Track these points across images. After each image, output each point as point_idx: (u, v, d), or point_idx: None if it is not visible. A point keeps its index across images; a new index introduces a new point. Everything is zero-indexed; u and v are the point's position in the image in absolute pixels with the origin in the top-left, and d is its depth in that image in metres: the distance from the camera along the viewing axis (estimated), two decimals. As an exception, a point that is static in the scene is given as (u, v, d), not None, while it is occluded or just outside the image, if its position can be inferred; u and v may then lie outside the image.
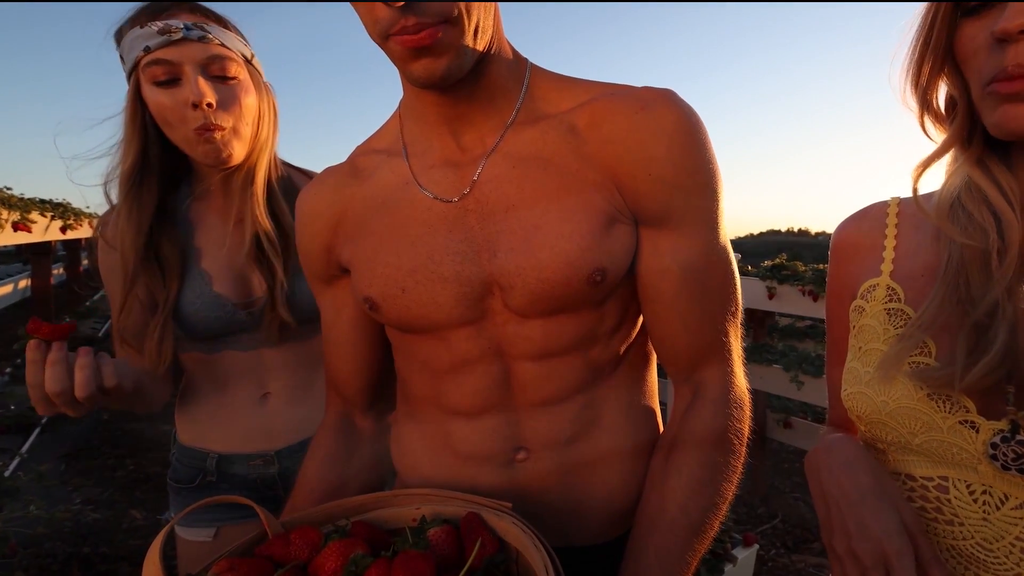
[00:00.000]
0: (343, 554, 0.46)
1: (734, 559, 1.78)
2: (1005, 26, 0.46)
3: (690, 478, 0.60)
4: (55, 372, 0.68)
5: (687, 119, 0.58)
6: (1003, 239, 0.53)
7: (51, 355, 0.69)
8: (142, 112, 0.88)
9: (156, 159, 0.91)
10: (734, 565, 1.76)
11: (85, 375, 0.69)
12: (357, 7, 0.52)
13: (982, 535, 0.54)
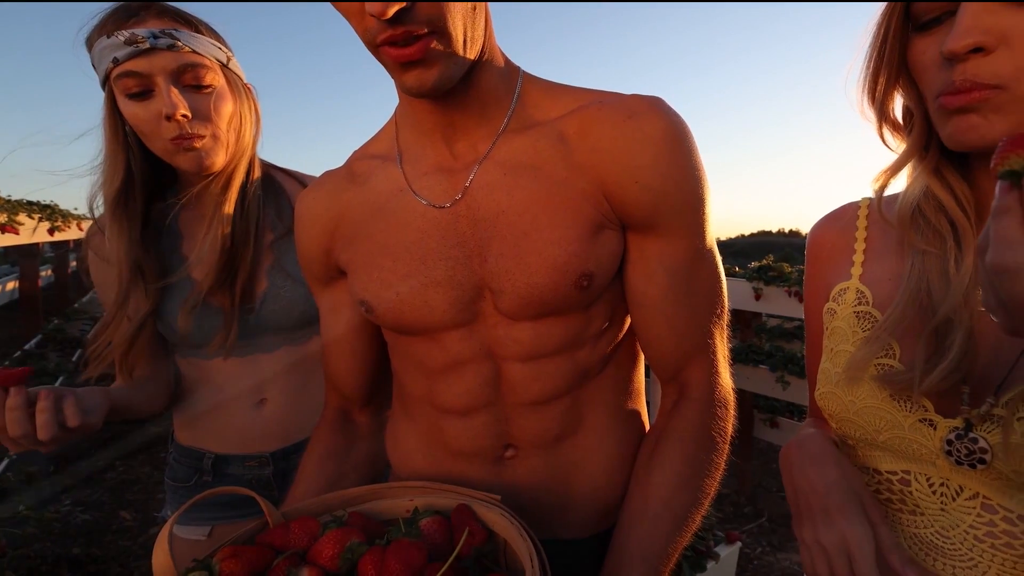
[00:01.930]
0: (340, 542, 0.48)
1: (716, 556, 1.77)
2: (951, 47, 0.47)
3: (673, 474, 0.61)
4: (14, 417, 0.69)
5: (673, 128, 0.58)
6: (959, 247, 0.55)
7: (9, 401, 0.69)
8: (121, 125, 0.86)
9: (140, 172, 0.90)
10: (716, 562, 1.76)
11: (44, 418, 0.70)
12: (348, 15, 0.52)
13: (940, 524, 0.57)
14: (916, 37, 0.52)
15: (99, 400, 0.80)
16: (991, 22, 0.46)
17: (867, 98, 0.59)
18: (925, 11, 0.50)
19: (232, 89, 0.90)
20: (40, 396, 0.70)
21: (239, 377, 0.99)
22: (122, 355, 0.91)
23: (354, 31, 0.53)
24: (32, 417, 0.70)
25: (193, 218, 0.96)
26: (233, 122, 0.90)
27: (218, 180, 0.91)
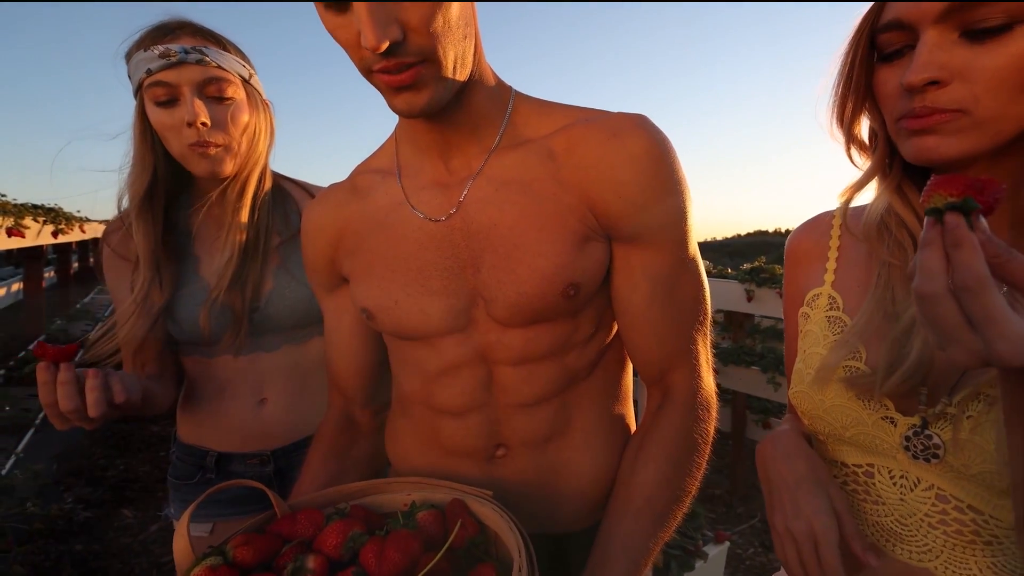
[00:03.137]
0: (343, 532, 0.52)
1: (705, 555, 1.80)
2: (910, 80, 0.50)
3: (656, 473, 0.63)
4: (66, 392, 0.71)
5: (655, 145, 0.60)
6: None
7: (60, 376, 0.71)
8: (150, 130, 0.91)
9: (163, 174, 0.95)
10: (705, 561, 1.78)
11: (96, 396, 0.72)
12: (345, 46, 0.54)
13: (899, 512, 0.59)
14: (880, 67, 0.55)
15: (136, 381, 0.84)
16: (945, 59, 0.48)
17: (835, 121, 0.62)
18: (887, 43, 0.53)
19: (250, 103, 0.96)
20: (88, 375, 0.73)
21: (241, 376, 1.01)
22: (134, 352, 0.94)
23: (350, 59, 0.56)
24: (81, 393, 0.72)
25: (206, 222, 1.00)
26: (247, 132, 0.95)
27: (233, 188, 0.96)
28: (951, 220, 0.38)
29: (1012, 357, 0.36)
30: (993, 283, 0.37)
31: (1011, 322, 0.36)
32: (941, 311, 0.38)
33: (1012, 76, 0.47)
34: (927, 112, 0.50)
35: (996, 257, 0.37)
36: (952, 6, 0.47)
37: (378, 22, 0.48)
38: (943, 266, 0.38)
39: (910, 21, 0.50)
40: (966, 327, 0.38)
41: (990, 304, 0.36)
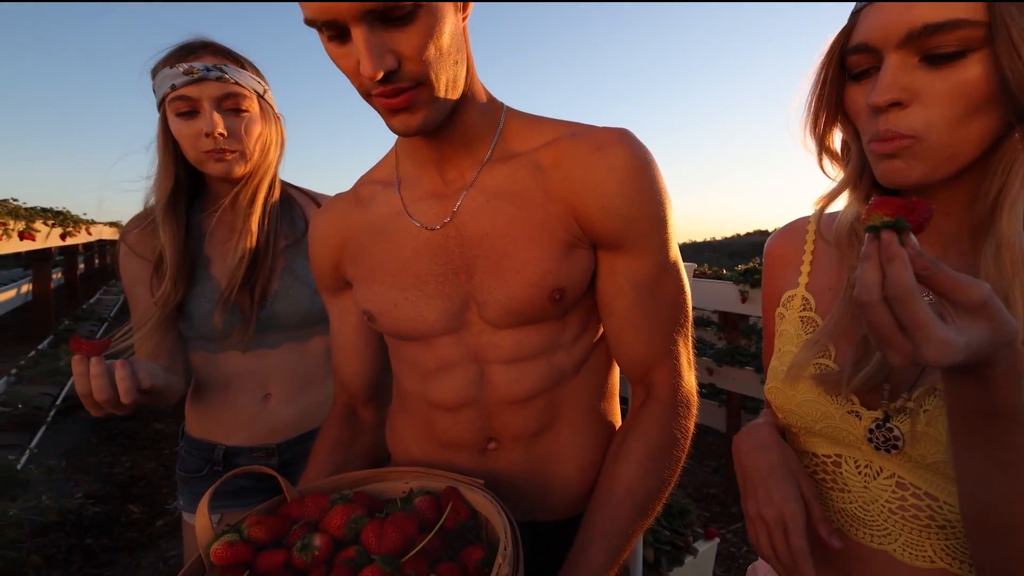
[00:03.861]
0: (346, 515, 0.56)
1: (695, 551, 1.83)
2: (874, 100, 0.52)
3: (636, 466, 0.65)
4: (100, 383, 0.77)
5: (637, 158, 0.63)
6: None
7: (93, 368, 0.77)
8: (172, 141, 0.98)
9: (184, 180, 1.01)
10: (695, 557, 1.82)
11: (126, 384, 0.78)
12: (346, 72, 0.58)
13: (863, 499, 0.62)
14: (850, 84, 0.57)
15: (158, 368, 0.89)
16: (907, 81, 0.51)
17: (809, 133, 0.64)
18: (856, 64, 0.55)
19: (264, 116, 1.02)
20: (116, 365, 0.79)
21: (247, 372, 1.06)
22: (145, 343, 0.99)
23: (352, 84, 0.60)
24: (113, 384, 0.78)
25: (218, 225, 1.05)
26: (260, 142, 1.01)
27: (245, 194, 1.01)
28: (886, 237, 0.42)
29: (936, 358, 0.40)
30: (919, 294, 0.41)
31: (936, 328, 0.40)
32: (877, 318, 0.42)
33: (963, 99, 0.50)
34: (890, 135, 0.52)
35: (925, 270, 0.41)
36: (914, 31, 0.49)
37: (374, 53, 0.52)
38: (878, 278, 0.42)
39: (875, 45, 0.53)
40: (898, 332, 0.42)
41: (917, 312, 0.40)
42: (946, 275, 0.41)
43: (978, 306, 0.41)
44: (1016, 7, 0.47)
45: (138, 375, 0.81)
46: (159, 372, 0.88)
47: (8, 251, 3.25)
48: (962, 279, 0.41)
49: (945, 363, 0.40)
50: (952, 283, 0.41)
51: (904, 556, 0.59)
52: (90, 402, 0.79)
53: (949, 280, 0.41)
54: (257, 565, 0.51)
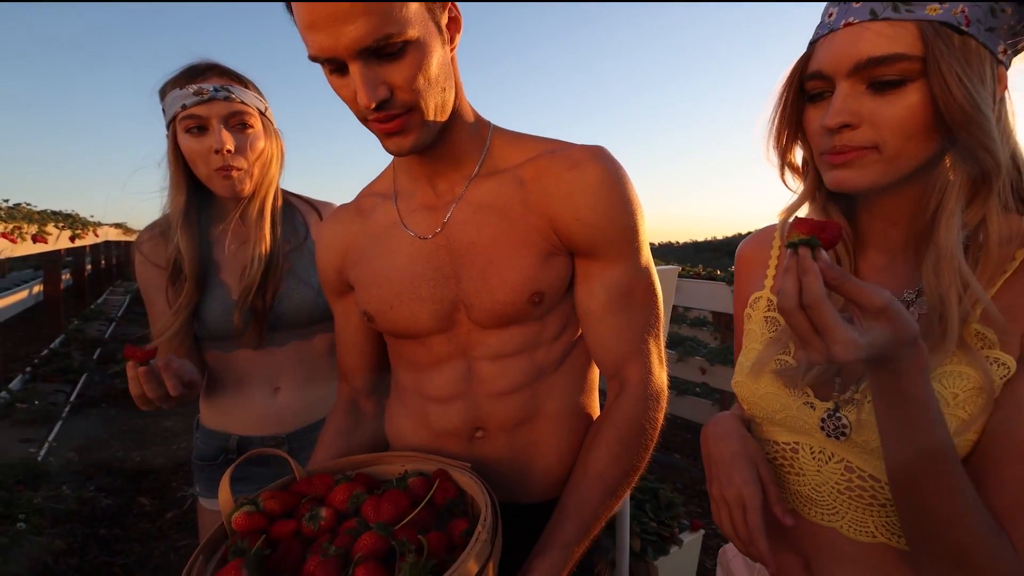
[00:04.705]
0: (349, 491, 0.62)
1: (680, 542, 1.86)
2: (827, 123, 0.56)
3: (607, 452, 0.69)
4: (152, 385, 0.85)
5: (609, 174, 0.68)
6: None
7: (143, 372, 0.85)
8: (182, 157, 1.04)
9: (194, 193, 1.08)
10: (680, 548, 1.85)
11: (173, 382, 0.86)
12: (345, 100, 0.63)
13: (815, 482, 0.66)
14: (808, 106, 0.62)
15: (191, 365, 0.97)
16: (856, 106, 0.56)
17: (773, 148, 0.68)
18: (812, 88, 0.60)
19: (266, 132, 1.08)
20: (161, 367, 0.87)
21: (258, 368, 1.12)
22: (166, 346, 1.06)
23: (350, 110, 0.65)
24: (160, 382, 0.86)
25: (225, 233, 1.12)
26: (263, 158, 1.08)
27: (253, 207, 1.08)
28: (801, 252, 0.48)
29: (842, 355, 0.46)
30: (828, 301, 0.47)
31: (841, 329, 0.46)
32: (795, 322, 0.48)
33: (906, 122, 0.54)
34: (845, 150, 0.57)
35: (835, 280, 0.47)
36: (860, 63, 0.54)
37: (369, 84, 0.58)
38: (796, 288, 0.48)
39: (828, 73, 0.57)
40: (814, 334, 0.48)
41: (825, 316, 0.47)
42: (852, 284, 0.47)
43: (879, 310, 0.47)
44: (946, 45, 0.52)
45: (181, 372, 0.89)
46: (193, 368, 0.96)
47: (22, 253, 3.33)
48: (865, 287, 0.47)
49: (850, 359, 0.46)
50: (857, 291, 0.47)
51: (850, 532, 0.64)
52: (143, 400, 0.88)
53: (855, 288, 0.47)
54: (271, 532, 0.58)
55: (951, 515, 0.51)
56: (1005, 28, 0.55)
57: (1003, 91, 0.56)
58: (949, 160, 0.57)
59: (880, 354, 0.48)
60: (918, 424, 0.51)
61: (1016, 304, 0.54)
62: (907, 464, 0.53)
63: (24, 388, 3.54)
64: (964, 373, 0.55)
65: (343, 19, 0.55)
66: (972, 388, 0.54)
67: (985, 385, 0.54)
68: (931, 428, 0.51)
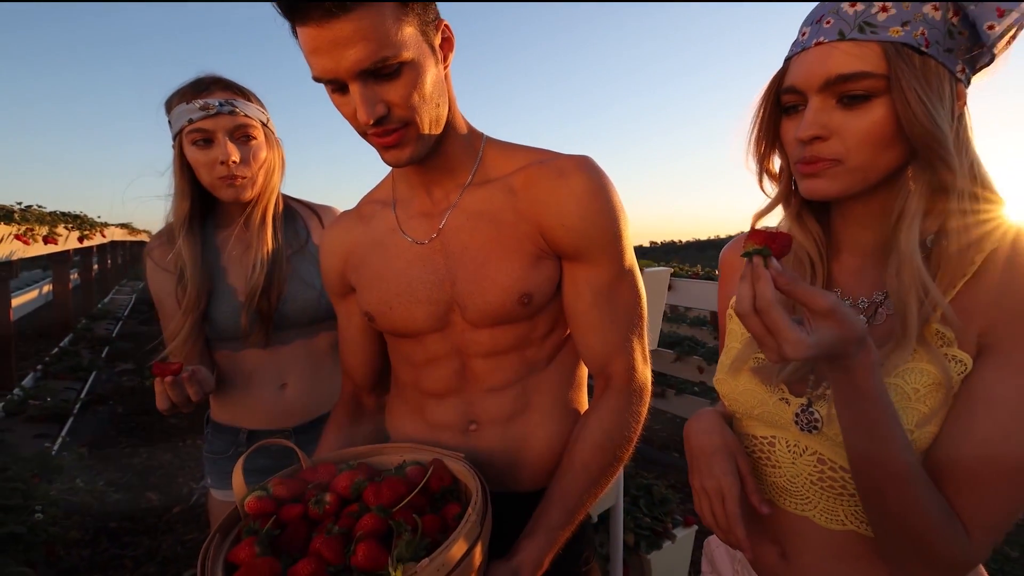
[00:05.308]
0: (351, 479, 0.66)
1: (673, 537, 1.90)
2: (799, 135, 0.60)
3: (592, 443, 0.73)
4: (179, 396, 0.95)
5: (593, 182, 0.71)
6: (814, 272, 0.68)
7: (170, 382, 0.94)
8: (187, 167, 1.08)
9: (198, 200, 1.12)
10: (673, 543, 1.89)
11: (195, 389, 0.95)
12: (345, 115, 0.66)
13: (790, 473, 0.69)
14: (784, 118, 0.65)
15: (208, 372, 1.04)
16: (826, 120, 0.59)
17: (752, 155, 0.70)
18: (787, 101, 0.63)
19: (268, 142, 1.13)
20: (184, 379, 0.95)
21: (265, 366, 1.17)
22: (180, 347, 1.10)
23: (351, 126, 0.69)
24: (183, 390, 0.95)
25: (229, 238, 1.16)
26: (265, 167, 1.12)
27: (256, 213, 1.12)
28: (755, 261, 0.52)
29: (792, 354, 0.50)
30: (778, 305, 0.50)
31: (791, 330, 0.50)
32: (750, 324, 0.52)
33: (872, 135, 0.57)
34: (814, 160, 0.60)
35: (786, 285, 0.51)
36: (830, 79, 0.58)
37: (368, 102, 0.62)
38: (750, 293, 0.52)
39: (801, 88, 0.60)
40: (767, 334, 0.51)
41: (775, 318, 0.50)
42: (801, 289, 0.51)
43: (826, 312, 0.50)
44: (907, 64, 0.56)
45: (201, 381, 0.98)
46: (211, 376, 1.03)
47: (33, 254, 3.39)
48: (813, 291, 0.51)
49: (798, 356, 0.50)
50: (806, 294, 0.51)
51: (822, 520, 0.67)
52: (169, 410, 0.97)
53: (803, 292, 0.51)
54: (280, 515, 0.63)
55: (906, 501, 0.55)
56: (963, 49, 0.58)
57: (962, 107, 0.59)
58: (911, 171, 0.61)
59: (829, 352, 0.51)
60: (872, 417, 0.55)
61: (974, 305, 0.57)
62: (864, 454, 0.57)
63: (36, 386, 3.60)
64: (925, 370, 0.58)
65: (343, 44, 0.59)
66: (932, 384, 0.58)
67: (944, 381, 0.57)
68: (884, 421, 0.54)
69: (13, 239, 3.02)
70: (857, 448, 0.58)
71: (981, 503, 0.55)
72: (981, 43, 0.58)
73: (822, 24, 0.59)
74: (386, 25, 0.60)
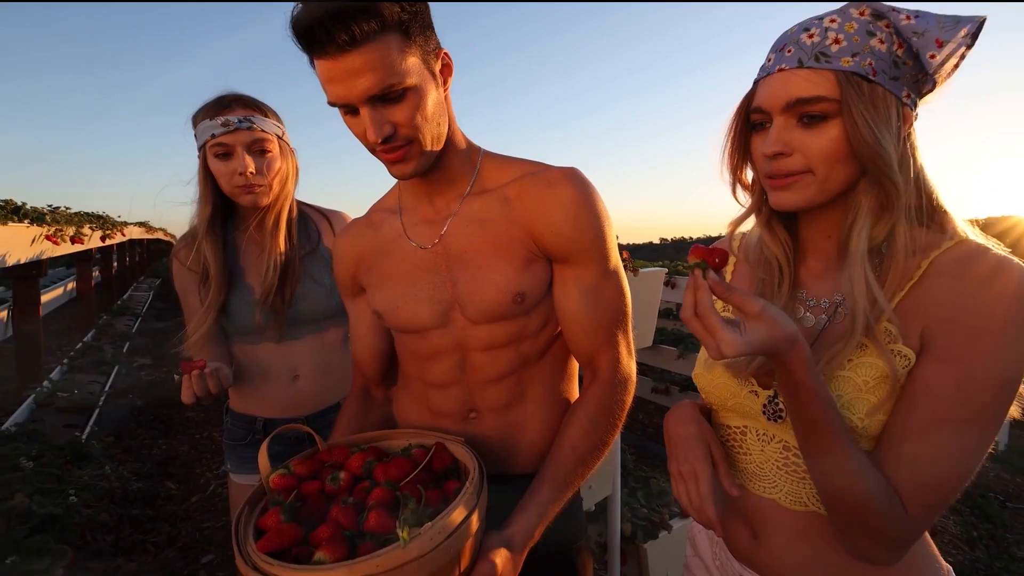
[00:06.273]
0: (363, 459, 0.73)
1: (669, 527, 1.93)
2: (764, 151, 0.65)
3: (580, 429, 0.78)
4: (202, 387, 1.03)
5: (580, 193, 0.77)
6: (782, 275, 0.74)
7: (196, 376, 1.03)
8: (210, 176, 1.18)
9: (220, 205, 1.21)
10: (669, 533, 1.92)
11: (214, 382, 1.04)
12: (355, 133, 0.72)
13: (759, 460, 0.74)
14: (753, 134, 0.70)
15: (227, 368, 1.13)
16: (788, 138, 0.64)
17: (726, 168, 0.75)
18: (755, 119, 0.68)
19: (283, 154, 1.22)
20: (208, 374, 1.04)
21: (279, 359, 1.25)
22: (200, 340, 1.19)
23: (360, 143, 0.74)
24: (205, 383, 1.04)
25: (247, 240, 1.25)
26: (280, 176, 1.21)
27: (270, 218, 1.21)
28: (696, 273, 0.58)
29: (727, 352, 0.56)
30: (714, 310, 0.57)
31: (724, 331, 0.56)
32: (693, 327, 0.59)
33: (828, 152, 0.63)
34: (781, 174, 0.66)
35: (722, 294, 0.57)
36: (790, 102, 0.63)
37: (376, 124, 0.69)
38: (692, 300, 0.58)
39: (767, 108, 0.66)
40: (707, 335, 0.58)
41: (711, 322, 0.57)
42: (736, 296, 0.58)
43: (756, 315, 0.57)
44: (856, 91, 0.62)
45: (220, 376, 1.07)
46: (229, 373, 1.13)
47: (62, 253, 3.51)
48: (745, 297, 0.57)
49: (733, 354, 0.56)
50: (739, 300, 0.58)
51: (786, 502, 0.72)
52: (193, 401, 1.06)
53: (737, 299, 0.58)
54: (301, 489, 0.70)
55: (847, 481, 0.61)
56: (908, 77, 0.64)
57: (908, 129, 0.65)
58: (861, 185, 0.66)
59: (761, 349, 0.58)
60: (811, 407, 0.61)
61: (918, 306, 0.63)
62: (809, 440, 0.63)
63: (63, 379, 3.72)
64: (874, 364, 0.64)
65: (355, 74, 0.67)
66: (880, 376, 0.63)
67: (891, 374, 0.63)
68: (822, 410, 0.60)
69: (44, 239, 3.15)
70: (801, 434, 0.64)
71: (919, 484, 0.61)
72: (925, 71, 0.64)
73: (784, 52, 0.66)
74: (392, 56, 0.67)
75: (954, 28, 0.62)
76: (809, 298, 0.73)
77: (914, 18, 0.63)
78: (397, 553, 0.55)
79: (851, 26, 0.63)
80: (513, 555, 0.68)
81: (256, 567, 0.57)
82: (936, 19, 0.62)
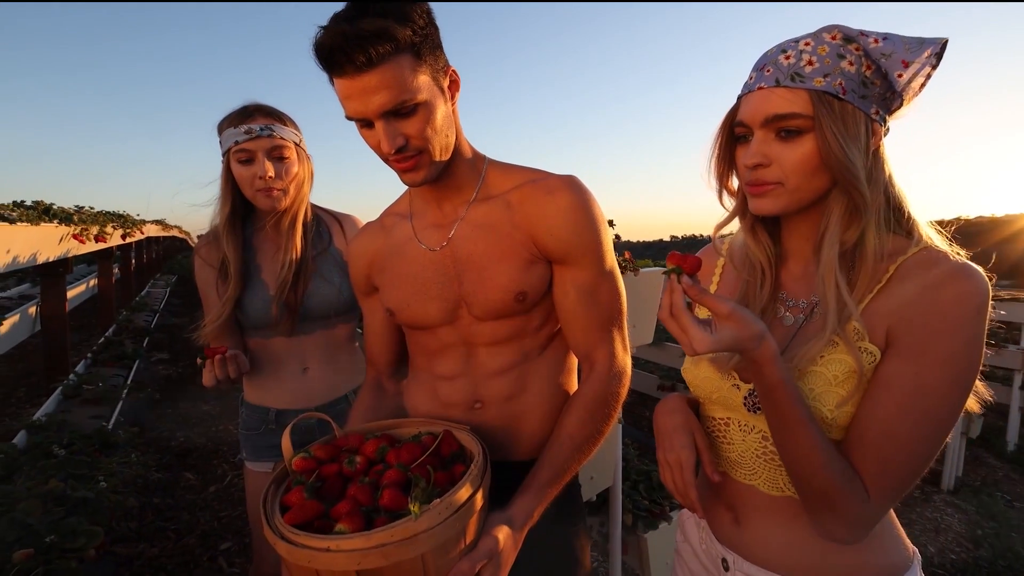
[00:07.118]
0: (376, 445, 0.79)
1: (669, 519, 1.97)
2: (745, 163, 0.70)
3: (576, 418, 0.83)
4: (223, 372, 1.12)
5: (577, 199, 0.81)
6: (764, 276, 0.78)
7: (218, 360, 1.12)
8: (231, 179, 1.25)
9: (239, 206, 1.29)
10: (668, 524, 1.96)
11: (235, 367, 1.13)
12: (369, 143, 0.77)
13: (740, 449, 0.78)
14: (737, 145, 0.74)
15: (244, 358, 1.21)
16: (767, 150, 0.68)
17: (713, 176, 0.79)
18: (739, 132, 0.73)
19: (299, 159, 1.29)
20: (229, 359, 1.13)
21: (290, 352, 1.33)
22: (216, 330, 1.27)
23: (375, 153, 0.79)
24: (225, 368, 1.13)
25: (264, 239, 1.33)
26: (296, 181, 1.28)
27: (286, 219, 1.28)
28: (671, 277, 0.64)
29: (699, 349, 0.62)
30: (687, 311, 0.62)
31: (696, 330, 0.62)
32: (669, 327, 0.64)
33: (803, 163, 0.67)
34: (759, 183, 0.71)
35: (695, 296, 0.63)
36: (768, 118, 0.68)
37: (390, 136, 0.75)
38: (668, 302, 0.64)
39: (748, 123, 0.70)
40: (682, 334, 0.63)
41: (684, 322, 0.62)
42: (708, 298, 0.63)
43: (726, 315, 0.62)
44: (827, 108, 0.66)
45: (239, 362, 1.15)
46: (247, 361, 1.20)
47: (86, 251, 3.63)
48: (716, 300, 0.62)
49: (704, 351, 0.62)
50: (711, 302, 0.63)
51: (765, 488, 0.76)
52: (214, 385, 1.14)
53: (709, 300, 0.63)
54: (320, 471, 0.77)
55: (813, 467, 0.66)
56: (877, 95, 0.69)
57: (877, 143, 0.70)
58: (832, 194, 0.71)
59: (731, 346, 0.63)
60: (779, 399, 0.66)
61: (885, 307, 0.68)
62: (778, 428, 0.68)
63: (88, 372, 3.84)
64: (843, 360, 0.69)
65: (371, 92, 0.72)
66: (848, 371, 0.68)
67: (859, 369, 0.67)
68: (789, 402, 0.66)
69: (71, 238, 3.26)
70: (772, 425, 0.69)
71: (881, 470, 0.66)
72: (894, 89, 0.69)
73: (764, 71, 0.71)
74: (404, 75, 0.72)
75: (919, 49, 0.67)
76: (789, 298, 0.78)
77: (882, 40, 0.68)
78: (409, 525, 0.61)
79: (823, 49, 0.68)
80: (514, 532, 0.73)
81: (284, 537, 0.63)
82: (902, 41, 0.67)
